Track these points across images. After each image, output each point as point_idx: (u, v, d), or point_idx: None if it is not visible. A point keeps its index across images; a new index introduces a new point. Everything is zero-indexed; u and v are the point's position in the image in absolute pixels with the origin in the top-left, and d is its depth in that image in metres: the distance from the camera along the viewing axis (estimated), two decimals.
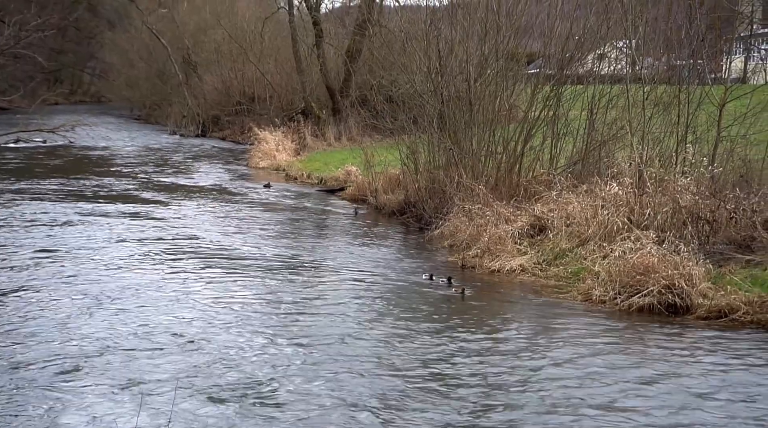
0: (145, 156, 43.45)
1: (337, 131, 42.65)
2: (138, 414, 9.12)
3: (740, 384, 11.10)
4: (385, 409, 10.14)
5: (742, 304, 13.97)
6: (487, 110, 23.34)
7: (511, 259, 18.08)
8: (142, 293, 15.48)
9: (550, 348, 12.61)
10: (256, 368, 11.49)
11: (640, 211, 17.66)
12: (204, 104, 57.66)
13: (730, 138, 19.96)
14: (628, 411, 10.12)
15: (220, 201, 28.30)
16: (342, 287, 16.41)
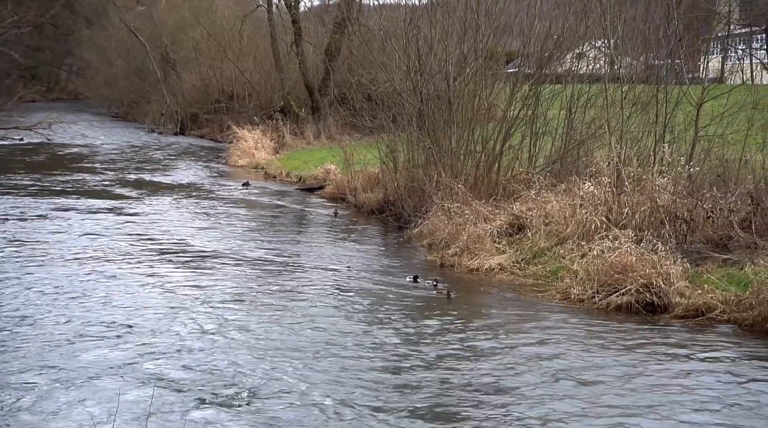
0: (122, 154, 43.30)
1: (316, 129, 42.60)
2: (115, 416, 9.07)
3: (715, 382, 11.16)
4: (357, 409, 10.14)
5: (719, 303, 14.05)
6: (467, 108, 23.36)
7: (489, 258, 18.10)
8: (112, 289, 15.49)
9: (528, 347, 12.65)
10: (228, 368, 11.45)
11: (618, 210, 17.73)
12: (182, 102, 57.45)
13: (708, 138, 20.10)
14: (604, 406, 10.17)
15: (197, 199, 28.25)
16: (319, 287, 16.39)
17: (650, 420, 9.83)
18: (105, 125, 62.99)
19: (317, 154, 36.95)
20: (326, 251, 20.05)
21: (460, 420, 9.84)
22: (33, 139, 46.33)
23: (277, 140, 42.51)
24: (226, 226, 23.16)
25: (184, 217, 24.50)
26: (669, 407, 10.29)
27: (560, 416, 10.00)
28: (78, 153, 43.52)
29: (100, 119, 69.57)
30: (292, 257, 19.21)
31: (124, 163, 39.19)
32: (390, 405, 10.23)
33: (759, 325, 13.36)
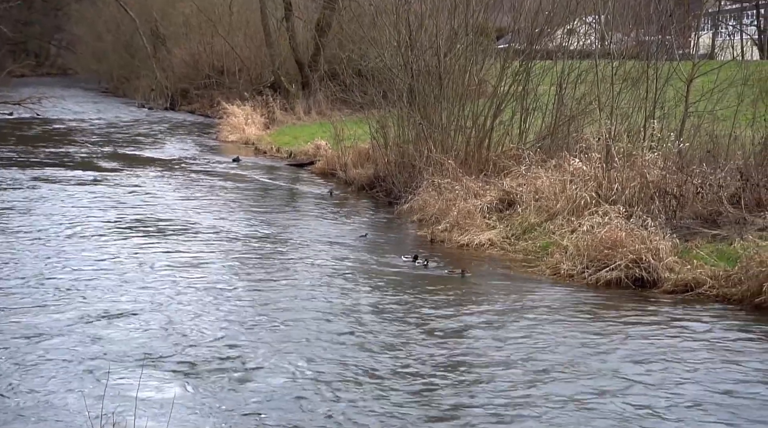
0: (112, 129, 43.18)
1: (306, 105, 42.48)
2: (105, 387, 9.09)
3: (701, 355, 11.24)
4: (356, 386, 10.19)
5: (708, 278, 14.12)
6: (457, 84, 23.33)
7: (479, 233, 18.14)
8: (101, 263, 15.53)
9: (516, 322, 12.71)
10: (220, 342, 11.49)
11: (608, 186, 17.78)
12: (172, 77, 57.19)
13: (698, 113, 20.15)
14: (590, 377, 10.24)
15: (187, 174, 28.21)
16: (311, 261, 16.41)
17: (637, 392, 9.90)
18: (95, 100, 62.76)
19: (307, 129, 36.88)
20: (316, 227, 20.09)
21: (446, 395, 9.90)
22: (22, 114, 46.18)
23: (268, 116, 42.37)
24: (215, 201, 23.17)
25: (173, 192, 24.49)
26: (655, 378, 10.36)
27: (546, 385, 10.08)
28: (67, 128, 43.39)
29: (89, 94, 69.32)
30: (282, 233, 19.22)
31: (114, 138, 39.08)
32: (383, 379, 10.30)
33: (747, 300, 13.41)
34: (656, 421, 9.14)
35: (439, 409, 9.46)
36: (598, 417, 9.21)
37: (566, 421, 9.10)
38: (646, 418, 9.20)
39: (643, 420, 9.16)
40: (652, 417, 9.23)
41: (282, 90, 44.37)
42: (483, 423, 9.08)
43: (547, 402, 9.59)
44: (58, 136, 39.62)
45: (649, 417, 9.25)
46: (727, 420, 9.22)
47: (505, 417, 9.24)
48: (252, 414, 9.16)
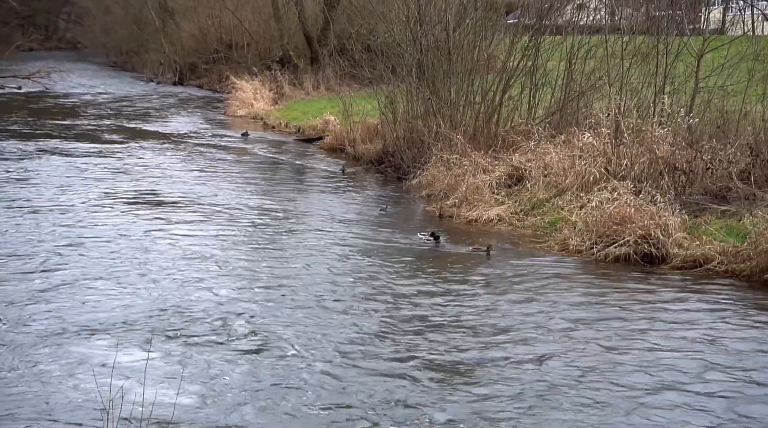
0: (121, 103, 43.17)
1: (315, 79, 42.39)
2: (115, 354, 9.13)
3: (709, 329, 11.27)
4: (367, 355, 10.22)
5: (717, 254, 14.11)
6: (466, 59, 23.25)
7: (488, 209, 18.13)
8: (111, 236, 15.59)
9: (524, 295, 12.73)
10: (230, 316, 11.52)
11: (617, 161, 17.74)
12: (181, 52, 57.10)
13: (708, 89, 20.07)
14: (598, 348, 10.26)
15: (196, 148, 28.21)
16: (321, 238, 16.42)
17: (641, 364, 9.92)
18: (103, 74, 62.74)
19: (316, 104, 36.82)
20: (325, 202, 20.09)
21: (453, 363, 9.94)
22: (31, 88, 46.16)
23: (276, 91, 42.28)
24: (223, 175, 23.17)
25: (181, 165, 24.51)
26: (662, 351, 10.40)
27: (554, 356, 10.13)
28: (76, 102, 43.39)
29: (98, 68, 69.26)
30: (290, 208, 19.24)
31: (122, 112, 39.08)
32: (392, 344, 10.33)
33: (756, 276, 13.42)
34: (662, 393, 9.16)
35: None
36: (607, 387, 9.24)
37: (578, 394, 9.14)
38: (650, 391, 9.23)
39: (647, 392, 9.19)
40: (656, 389, 9.25)
41: (291, 65, 44.26)
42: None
43: (561, 376, 9.62)
44: (66, 109, 39.63)
45: (652, 389, 9.27)
46: (731, 393, 9.25)
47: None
48: (260, 389, 9.19)
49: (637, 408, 8.86)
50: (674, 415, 8.72)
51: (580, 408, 8.86)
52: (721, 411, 8.83)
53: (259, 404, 8.82)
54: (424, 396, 9.10)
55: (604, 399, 9.08)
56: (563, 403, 8.98)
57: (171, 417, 8.02)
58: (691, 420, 8.61)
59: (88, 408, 8.52)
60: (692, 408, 8.88)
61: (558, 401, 9.04)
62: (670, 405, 8.96)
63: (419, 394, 9.14)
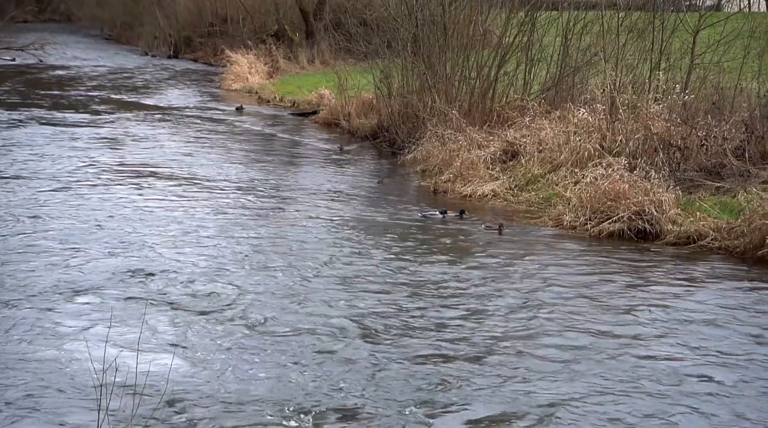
0: (116, 76, 43.01)
1: (310, 54, 42.29)
2: (108, 328, 9.13)
3: (701, 305, 11.31)
4: (371, 332, 10.24)
5: (711, 230, 14.14)
6: (462, 34, 23.21)
7: (483, 184, 18.15)
8: (100, 208, 15.59)
9: (519, 271, 12.76)
10: (226, 289, 11.53)
11: (612, 137, 17.75)
12: (176, 25, 56.84)
13: (703, 65, 20.07)
14: (589, 323, 10.30)
15: (191, 122, 28.15)
16: (312, 211, 16.43)
17: (634, 338, 9.97)
18: (98, 47, 62.43)
19: (311, 79, 36.74)
20: (320, 177, 20.07)
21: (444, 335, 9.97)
22: (25, 60, 45.99)
23: (271, 65, 42.17)
24: (218, 150, 23.13)
25: (175, 139, 24.46)
26: (654, 327, 10.45)
27: (546, 332, 10.18)
28: (70, 74, 43.21)
29: (93, 41, 68.91)
30: (284, 181, 19.24)
31: (116, 85, 38.95)
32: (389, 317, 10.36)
33: (750, 252, 13.46)
34: (654, 366, 9.21)
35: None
36: (597, 358, 9.28)
37: (570, 367, 9.18)
38: (641, 366, 9.27)
39: (639, 367, 9.24)
40: (649, 362, 9.30)
41: (286, 39, 44.14)
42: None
43: (550, 348, 9.66)
44: (60, 82, 39.49)
45: (645, 362, 9.32)
46: (723, 365, 9.29)
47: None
48: (254, 361, 9.20)
49: (623, 379, 8.90)
50: (660, 386, 8.76)
51: (569, 378, 8.90)
52: (707, 384, 8.88)
53: (254, 374, 8.83)
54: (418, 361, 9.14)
55: (592, 369, 9.12)
56: (557, 373, 9.02)
57: (165, 387, 8.03)
58: (676, 390, 8.65)
59: (81, 378, 8.54)
60: (679, 379, 8.93)
61: (551, 370, 9.08)
62: (659, 375, 9.01)
63: (406, 368, 9.17)
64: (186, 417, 7.90)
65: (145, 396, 7.87)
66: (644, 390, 8.73)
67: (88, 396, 7.98)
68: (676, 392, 8.69)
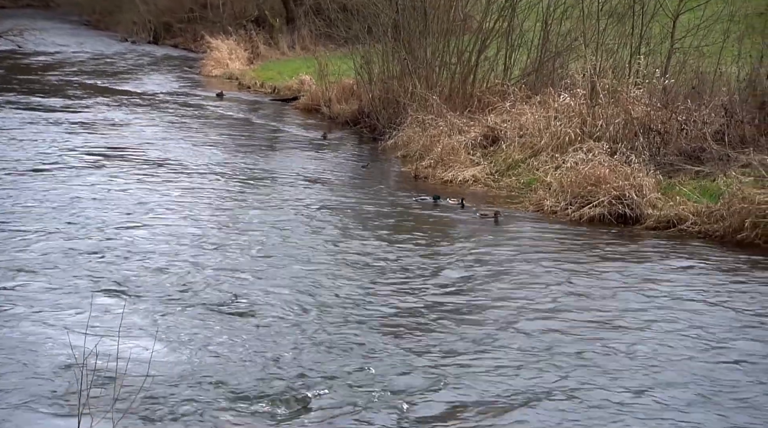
0: (95, 63, 42.72)
1: (290, 39, 42.11)
2: (88, 320, 9.08)
3: (679, 288, 11.39)
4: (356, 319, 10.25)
5: (691, 214, 14.20)
6: (442, 19, 23.17)
7: (464, 169, 18.16)
8: (80, 196, 15.42)
9: (500, 256, 12.78)
10: (204, 276, 11.50)
11: (593, 122, 17.79)
12: (155, 11, 56.44)
13: (683, 50, 20.10)
14: (570, 305, 10.34)
15: (171, 108, 27.99)
16: (293, 196, 16.40)
17: (611, 321, 10.01)
18: (76, 33, 61.91)
19: (291, 65, 36.63)
20: (300, 162, 20.03)
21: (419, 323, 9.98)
22: (3, 46, 45.62)
23: (251, 51, 41.98)
24: (198, 135, 23.02)
25: (154, 125, 24.30)
26: (633, 311, 10.51)
27: (525, 314, 10.24)
28: (50, 61, 42.86)
29: (71, 26, 68.33)
30: (265, 167, 19.16)
31: (96, 72, 38.68)
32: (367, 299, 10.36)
33: (729, 236, 13.54)
34: (633, 350, 9.25)
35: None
36: (575, 341, 9.32)
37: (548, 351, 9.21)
38: (620, 352, 9.31)
39: (617, 353, 9.27)
40: (628, 347, 9.34)
41: (266, 25, 43.95)
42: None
43: (531, 335, 9.69)
44: (38, 68, 39.16)
45: (625, 347, 9.35)
46: (700, 347, 9.34)
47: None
48: (235, 345, 9.19)
49: (600, 361, 8.94)
50: (639, 368, 8.80)
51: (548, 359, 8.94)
52: (687, 363, 8.92)
53: (234, 360, 8.82)
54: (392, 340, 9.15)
55: (571, 353, 9.16)
56: (538, 355, 9.06)
57: (146, 372, 8.00)
58: (650, 370, 8.70)
59: (61, 364, 8.51)
60: (652, 359, 8.97)
61: (530, 358, 9.11)
62: (637, 358, 9.05)
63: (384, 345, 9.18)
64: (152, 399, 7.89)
65: (127, 379, 7.84)
66: (623, 374, 8.76)
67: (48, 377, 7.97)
68: (654, 373, 8.73)
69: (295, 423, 7.71)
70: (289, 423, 7.69)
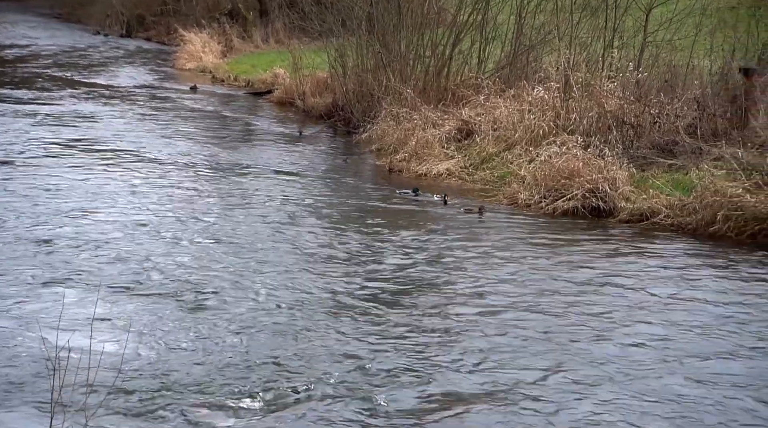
0: (67, 56, 42.43)
1: (264, 33, 41.99)
2: (60, 314, 9.01)
3: (649, 280, 11.45)
4: (327, 313, 10.22)
5: (663, 207, 14.27)
6: (416, 13, 23.19)
7: (438, 163, 18.17)
8: (52, 191, 15.27)
9: (473, 249, 12.80)
10: (177, 269, 11.44)
11: (566, 115, 17.83)
12: (128, 3, 56.15)
13: (656, 43, 20.18)
14: (542, 298, 10.36)
15: (143, 101, 27.84)
16: (269, 192, 16.36)
17: (584, 316, 10.04)
18: (48, 26, 61.51)
19: (265, 58, 36.53)
20: (273, 156, 19.98)
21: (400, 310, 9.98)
22: None
23: (225, 44, 41.84)
24: (172, 129, 22.89)
25: (126, 118, 24.14)
26: (602, 305, 10.54)
27: (497, 306, 10.27)
28: (20, 54, 42.54)
29: (43, 19, 67.83)
30: (239, 161, 19.08)
31: (68, 65, 38.41)
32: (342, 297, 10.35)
33: (701, 229, 13.62)
34: (604, 341, 9.28)
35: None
36: (543, 336, 9.35)
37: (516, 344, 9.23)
38: (592, 342, 9.34)
39: (591, 343, 9.30)
40: (599, 340, 9.38)
41: (240, 18, 43.82)
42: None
43: (503, 327, 9.71)
44: (8, 61, 38.85)
45: (596, 339, 9.39)
46: (669, 341, 9.39)
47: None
48: (207, 338, 9.16)
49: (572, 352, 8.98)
50: (611, 362, 8.84)
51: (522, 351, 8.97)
52: (657, 353, 8.97)
53: (208, 357, 8.79)
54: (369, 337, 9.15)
55: (543, 346, 9.19)
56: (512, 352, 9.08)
57: (119, 372, 7.95)
58: (625, 362, 8.74)
59: (34, 361, 8.45)
60: (626, 352, 9.02)
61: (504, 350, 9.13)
62: (608, 351, 9.09)
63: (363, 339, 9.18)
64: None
65: (101, 373, 7.79)
66: (594, 367, 8.79)
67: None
68: (626, 365, 8.77)
69: (263, 412, 7.69)
70: (259, 414, 7.67)
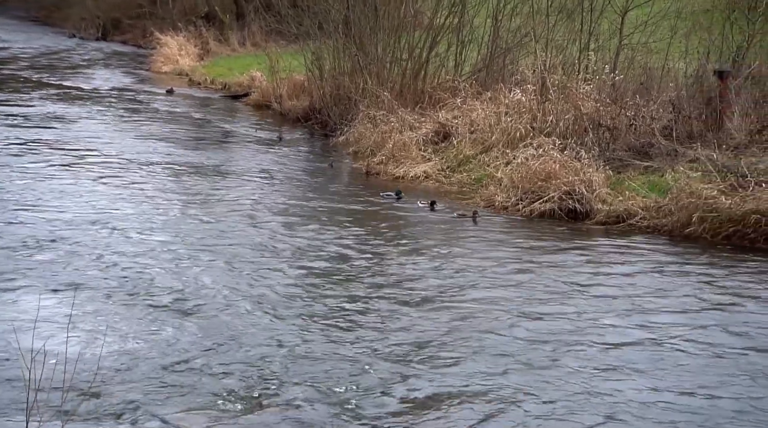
0: (42, 59, 42.22)
1: (240, 36, 41.94)
2: (36, 317, 8.96)
3: (626, 282, 11.45)
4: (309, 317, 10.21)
5: (639, 209, 14.34)
6: (393, 16, 23.22)
7: (415, 166, 18.19)
8: (26, 195, 15.12)
9: (448, 252, 12.82)
10: (154, 272, 11.40)
11: (543, 118, 17.90)
12: (104, 6, 55.94)
13: (632, 46, 20.30)
14: (520, 299, 10.38)
15: (118, 104, 27.72)
16: (244, 195, 16.33)
17: (559, 317, 10.06)
18: (23, 29, 61.19)
19: (242, 61, 36.48)
20: (250, 158, 19.94)
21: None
22: None
23: (202, 47, 41.77)
24: (147, 132, 22.80)
25: (101, 121, 24.01)
26: (578, 306, 10.56)
27: (473, 308, 10.26)
28: None
29: (18, 22, 67.50)
30: (216, 164, 19.02)
31: (43, 68, 38.21)
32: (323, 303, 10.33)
33: (677, 230, 13.70)
34: (580, 343, 9.31)
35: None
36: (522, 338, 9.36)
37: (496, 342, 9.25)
38: (570, 344, 9.37)
39: (569, 344, 9.33)
40: (574, 340, 9.40)
41: (216, 21, 43.75)
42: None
43: (477, 330, 9.72)
44: None
45: (573, 342, 9.41)
46: (646, 340, 9.42)
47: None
48: (187, 342, 9.12)
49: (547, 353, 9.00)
50: (586, 362, 8.87)
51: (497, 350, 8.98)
52: (635, 354, 9.00)
53: (187, 361, 8.76)
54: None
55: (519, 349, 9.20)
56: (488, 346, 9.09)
57: (95, 376, 7.91)
58: (601, 364, 8.77)
59: (7, 367, 8.40)
60: (605, 354, 9.04)
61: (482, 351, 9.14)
62: (587, 353, 9.11)
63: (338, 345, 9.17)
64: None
65: (76, 376, 7.75)
66: (570, 369, 8.81)
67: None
68: (602, 367, 8.79)
69: (238, 414, 7.67)
70: (234, 416, 7.65)
